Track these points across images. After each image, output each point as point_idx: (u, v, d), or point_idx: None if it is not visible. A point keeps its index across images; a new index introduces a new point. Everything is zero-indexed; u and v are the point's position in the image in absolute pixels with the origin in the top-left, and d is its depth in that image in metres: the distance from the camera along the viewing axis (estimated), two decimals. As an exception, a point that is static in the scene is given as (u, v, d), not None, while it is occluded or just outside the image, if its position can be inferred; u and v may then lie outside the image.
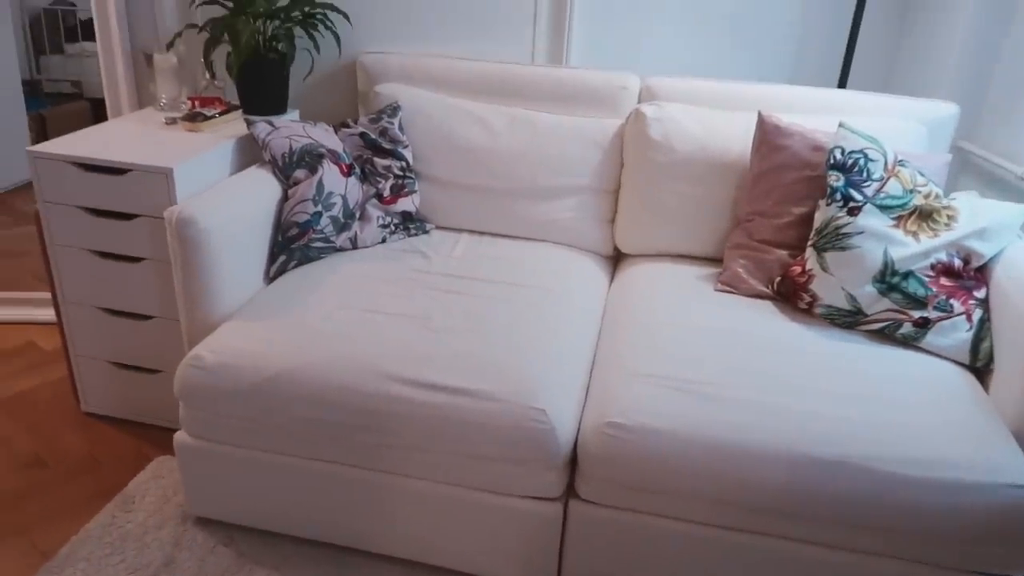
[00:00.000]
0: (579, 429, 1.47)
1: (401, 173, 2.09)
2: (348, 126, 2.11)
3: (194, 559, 1.61)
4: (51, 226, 1.83)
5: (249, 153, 2.00)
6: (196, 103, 2.10)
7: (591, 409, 1.47)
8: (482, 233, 2.14)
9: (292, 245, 1.86)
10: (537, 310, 1.72)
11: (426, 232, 2.12)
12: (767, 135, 1.87)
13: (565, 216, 2.09)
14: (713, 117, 2.01)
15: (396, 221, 2.10)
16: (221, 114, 2.02)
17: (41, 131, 4.33)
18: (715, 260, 2.03)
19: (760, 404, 1.43)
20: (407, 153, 2.11)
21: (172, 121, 2.00)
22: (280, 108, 2.17)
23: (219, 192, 1.74)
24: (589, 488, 1.47)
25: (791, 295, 1.78)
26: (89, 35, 4.91)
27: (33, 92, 5.00)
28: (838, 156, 1.73)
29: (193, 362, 1.53)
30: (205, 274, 1.66)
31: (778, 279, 1.81)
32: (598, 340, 1.76)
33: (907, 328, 1.65)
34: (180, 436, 1.61)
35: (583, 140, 2.08)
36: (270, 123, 1.93)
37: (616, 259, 2.18)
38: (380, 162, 2.07)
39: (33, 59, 5.11)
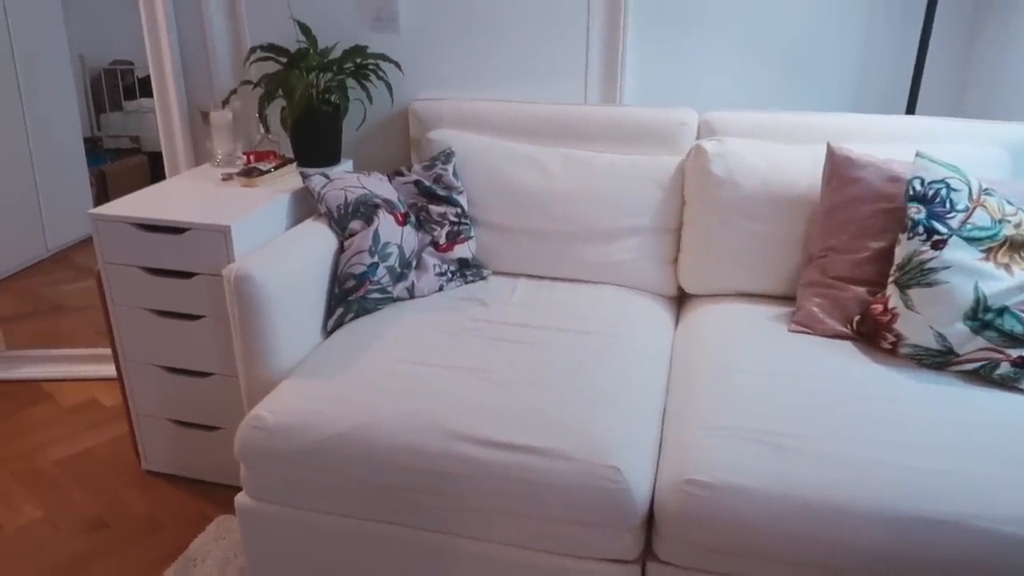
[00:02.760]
0: (655, 487, 1.38)
1: (456, 219, 2.06)
2: (402, 174, 2.09)
3: (257, 626, 1.56)
4: (112, 286, 1.84)
5: (305, 206, 1.99)
6: (251, 158, 2.10)
7: (667, 465, 1.39)
8: (540, 277, 2.09)
9: (349, 297, 1.83)
10: (602, 358, 1.65)
11: (483, 278, 2.08)
12: (838, 167, 1.79)
13: (626, 257, 2.02)
14: (777, 151, 1.93)
15: (453, 268, 2.06)
16: (276, 168, 2.02)
17: (102, 186, 4.46)
18: (786, 299, 1.94)
19: (850, 457, 1.33)
20: (462, 199, 2.07)
21: (228, 177, 2.00)
22: (334, 159, 2.16)
23: (275, 248, 1.72)
24: (668, 549, 1.38)
25: (873, 335, 1.68)
26: (147, 92, 5.07)
27: (94, 148, 5.17)
28: (918, 187, 1.63)
29: (254, 423, 1.50)
30: (263, 330, 1.64)
31: (857, 318, 1.71)
32: (668, 389, 1.68)
33: (1005, 368, 1.53)
34: (241, 498, 1.57)
35: (642, 179, 2.02)
36: (325, 175, 1.92)
37: (680, 300, 2.10)
38: (435, 209, 2.04)
39: (94, 117, 5.29)
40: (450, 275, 2.04)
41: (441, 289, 2.01)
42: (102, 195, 4.31)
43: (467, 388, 1.53)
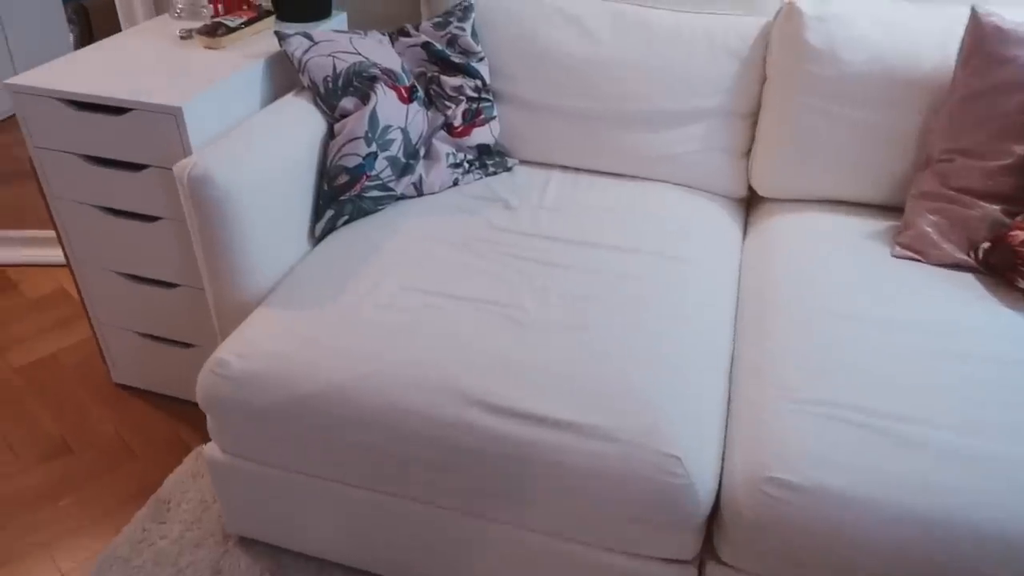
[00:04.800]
0: (722, 480, 1.08)
1: (476, 95, 1.65)
2: (407, 34, 1.65)
3: (238, 588, 1.34)
4: (48, 177, 1.49)
5: (283, 76, 1.59)
6: (219, 8, 1.67)
7: (740, 453, 1.08)
8: (578, 170, 1.70)
9: (341, 196, 1.47)
10: (655, 290, 1.31)
11: (508, 169, 1.69)
12: (983, 41, 1.34)
13: (687, 149, 1.62)
14: (897, 14, 1.47)
15: (470, 157, 1.67)
16: (248, 23, 1.60)
17: (85, 26, 3.94)
18: (888, 210, 1.55)
19: (993, 454, 1.01)
20: (483, 68, 1.65)
21: (187, 35, 1.58)
22: (323, 12, 1.72)
23: (244, 135, 1.34)
24: (734, 552, 1.10)
25: (1006, 269, 1.31)
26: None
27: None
28: (1102, 76, 1.20)
29: (218, 368, 1.19)
30: (231, 245, 1.30)
31: (986, 245, 1.34)
32: (736, 334, 1.34)
33: None
34: (210, 450, 1.30)
35: (712, 46, 1.58)
36: (308, 36, 1.50)
37: (748, 203, 1.72)
38: (449, 81, 1.62)
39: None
40: (466, 165, 1.65)
41: (455, 184, 1.63)
42: (86, 36, 3.82)
43: (487, 332, 1.21)
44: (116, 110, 1.35)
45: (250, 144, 1.33)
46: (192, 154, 1.30)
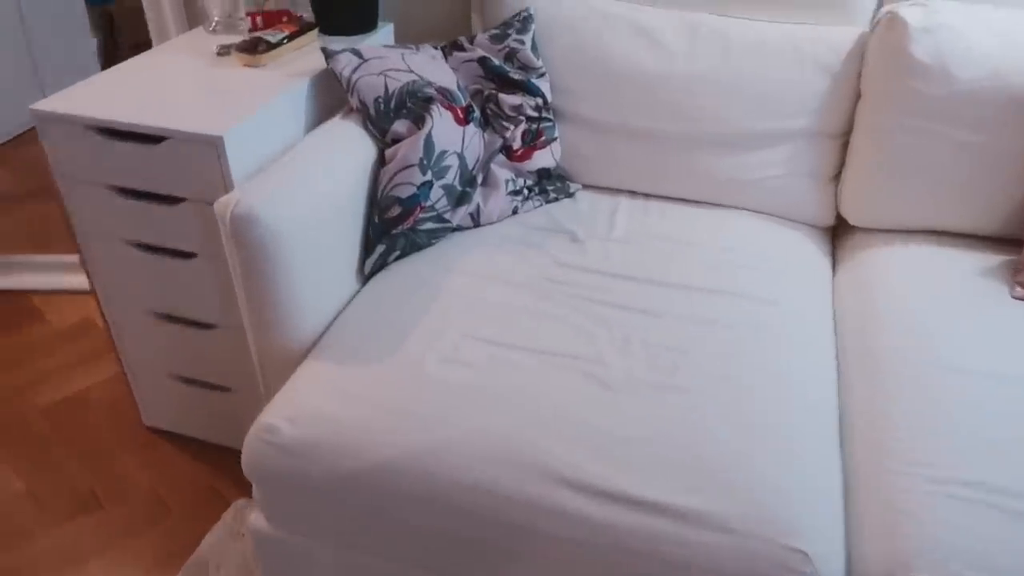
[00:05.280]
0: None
1: (536, 114, 1.50)
2: (461, 48, 1.52)
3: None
4: (76, 209, 1.36)
5: (329, 94, 1.45)
6: (258, 21, 1.54)
7: (870, 544, 0.93)
8: (647, 196, 1.55)
9: (394, 230, 1.34)
10: (749, 341, 1.16)
11: (570, 195, 1.55)
12: None
13: (769, 173, 1.47)
14: (1016, 23, 1.31)
15: (530, 182, 1.53)
16: (290, 38, 1.47)
17: (108, 32, 3.84)
18: (999, 242, 1.39)
19: None
20: (544, 85, 1.51)
21: (225, 51, 1.45)
22: (369, 24, 1.59)
23: (290, 167, 1.21)
24: (862, 655, 0.95)
25: None
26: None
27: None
28: None
29: (266, 435, 1.06)
30: (278, 288, 1.17)
31: None
32: (839, 389, 1.19)
33: None
34: (256, 521, 1.17)
35: (800, 60, 1.42)
36: (357, 53, 1.36)
37: (835, 232, 1.56)
38: (508, 100, 1.48)
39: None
40: (526, 192, 1.51)
41: (515, 212, 1.49)
42: (109, 46, 3.71)
43: (566, 393, 1.07)
44: (150, 139, 1.22)
45: (296, 177, 1.20)
46: (234, 188, 1.18)
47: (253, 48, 1.41)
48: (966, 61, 1.29)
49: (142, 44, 2.86)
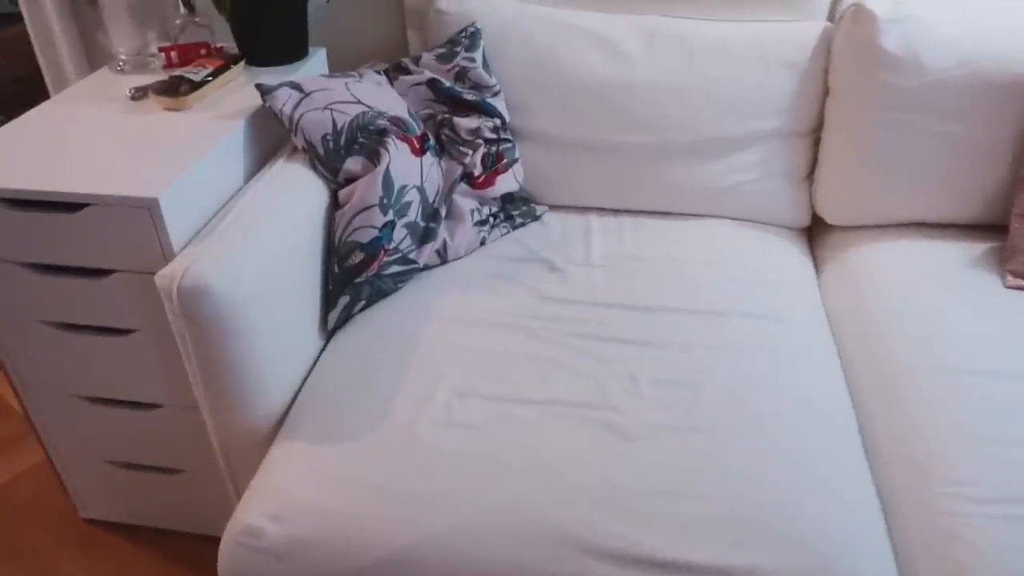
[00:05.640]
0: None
1: (495, 136, 1.40)
2: (407, 71, 1.39)
3: None
4: (-17, 290, 1.17)
5: (269, 133, 1.30)
6: (173, 56, 1.38)
7: (935, 578, 0.87)
8: (616, 212, 1.47)
9: (357, 279, 1.21)
10: (758, 365, 1.09)
11: (537, 218, 1.45)
12: (1099, 36, 1.16)
13: (741, 179, 1.41)
14: (985, 9, 1.28)
15: (494, 209, 1.42)
16: (215, 74, 1.31)
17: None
18: (979, 229, 1.37)
19: None
20: (499, 104, 1.40)
21: (140, 94, 1.28)
22: (300, 51, 1.44)
23: (237, 224, 1.06)
24: None
25: None
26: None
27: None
28: None
29: (248, 539, 0.92)
30: (237, 363, 1.02)
31: (1122, 270, 1.16)
32: (853, 404, 1.13)
33: None
34: (240, 631, 1.02)
35: (765, 60, 1.36)
36: (296, 87, 1.22)
37: (810, 232, 1.52)
38: (463, 123, 1.37)
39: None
40: (492, 221, 1.40)
41: (483, 243, 1.38)
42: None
43: (581, 449, 0.97)
44: (69, 206, 1.05)
45: (245, 236, 1.05)
46: (176, 256, 1.02)
47: (174, 89, 1.25)
48: (937, 51, 1.25)
49: (24, 77, 2.60)
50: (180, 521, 1.42)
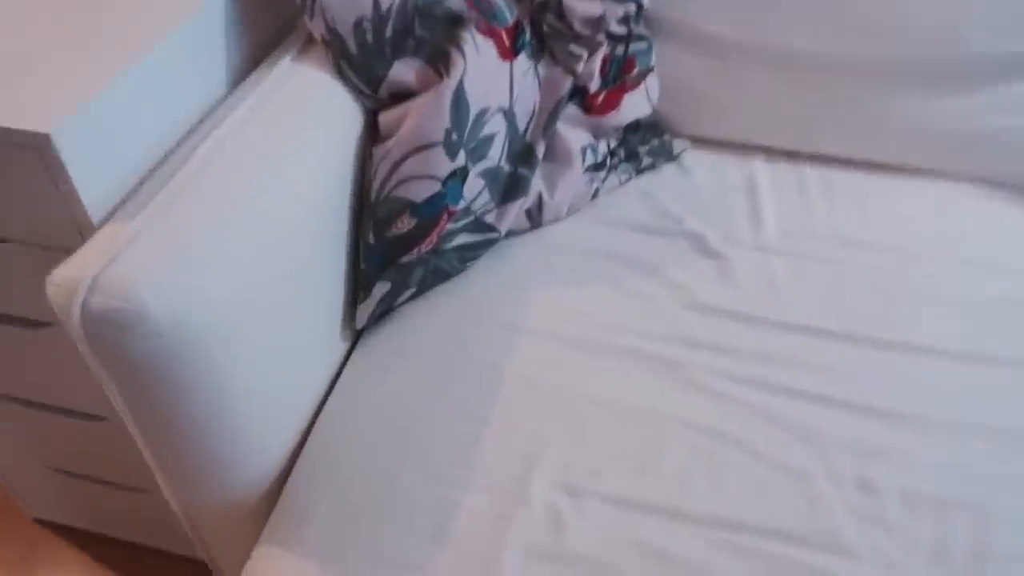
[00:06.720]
0: None
1: (624, 31, 0.89)
2: (494, -86, 0.87)
3: None
4: None
5: (265, 19, 0.81)
6: None
7: None
8: (794, 156, 0.97)
9: (404, 256, 0.76)
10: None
11: (672, 158, 0.96)
12: None
13: (1014, 121, 0.89)
14: None
15: (613, 144, 0.94)
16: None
17: None
18: None
19: None
20: (635, -22, 0.89)
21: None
22: None
23: (201, 183, 0.61)
24: None
25: None
26: None
27: None
28: None
29: None
30: (195, 422, 0.60)
31: None
32: None
33: None
34: None
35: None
36: (314, -68, 0.72)
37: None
38: (579, 8, 0.86)
39: None
40: (608, 162, 0.92)
41: (595, 196, 0.91)
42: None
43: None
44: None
45: (215, 202, 0.60)
46: (90, 239, 0.58)
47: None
48: None
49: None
50: (141, 533, 1.05)
